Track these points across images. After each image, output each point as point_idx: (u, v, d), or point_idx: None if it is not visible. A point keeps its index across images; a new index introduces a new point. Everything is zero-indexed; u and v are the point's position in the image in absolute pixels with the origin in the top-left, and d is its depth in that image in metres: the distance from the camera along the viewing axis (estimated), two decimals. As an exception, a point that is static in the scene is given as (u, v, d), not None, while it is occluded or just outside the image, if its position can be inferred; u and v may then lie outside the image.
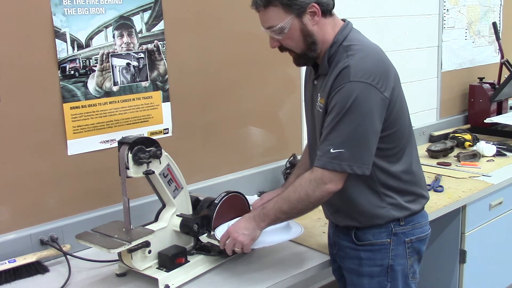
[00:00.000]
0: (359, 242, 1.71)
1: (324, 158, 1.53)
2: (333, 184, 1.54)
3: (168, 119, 2.19)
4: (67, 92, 1.91)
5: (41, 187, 1.90)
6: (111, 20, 1.98)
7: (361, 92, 1.50)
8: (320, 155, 1.55)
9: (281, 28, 1.57)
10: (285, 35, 1.59)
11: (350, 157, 1.51)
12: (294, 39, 1.60)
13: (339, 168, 1.52)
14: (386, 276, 1.70)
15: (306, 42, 1.60)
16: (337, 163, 1.52)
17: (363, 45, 1.60)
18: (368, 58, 1.56)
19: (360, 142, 1.52)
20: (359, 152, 1.52)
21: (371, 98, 1.52)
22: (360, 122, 1.51)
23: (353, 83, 1.51)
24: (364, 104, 1.51)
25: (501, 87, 3.44)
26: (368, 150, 1.54)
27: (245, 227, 1.64)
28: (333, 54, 1.60)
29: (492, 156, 2.96)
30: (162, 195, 1.80)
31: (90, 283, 1.73)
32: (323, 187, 1.54)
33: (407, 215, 1.70)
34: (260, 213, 1.64)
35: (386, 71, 1.57)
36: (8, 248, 1.81)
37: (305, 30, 1.58)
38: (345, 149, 1.51)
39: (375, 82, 1.52)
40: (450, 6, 3.41)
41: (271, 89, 2.55)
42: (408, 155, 1.69)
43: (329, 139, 1.53)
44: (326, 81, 1.60)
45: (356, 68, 1.52)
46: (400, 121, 1.64)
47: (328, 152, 1.52)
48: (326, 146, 1.54)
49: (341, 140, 1.51)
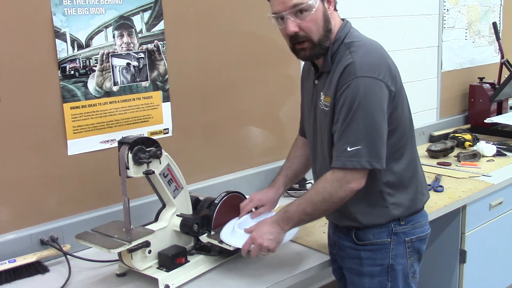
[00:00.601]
0: (359, 242, 1.71)
1: (342, 157, 1.53)
2: (356, 182, 1.55)
3: (168, 119, 2.19)
4: (67, 92, 1.91)
5: (41, 187, 1.90)
6: (111, 20, 1.98)
7: (369, 87, 1.51)
8: (338, 155, 1.55)
9: (310, 6, 1.53)
10: (310, 16, 1.54)
11: (367, 153, 1.52)
12: (317, 21, 1.56)
13: (359, 166, 1.52)
14: (387, 276, 1.70)
15: (325, 27, 1.58)
16: (356, 161, 1.52)
17: (364, 42, 1.61)
18: (371, 53, 1.58)
19: (375, 137, 1.53)
20: (375, 147, 1.53)
21: (379, 92, 1.53)
22: (372, 117, 1.52)
23: (359, 78, 1.51)
24: (373, 98, 1.52)
25: (501, 87, 3.44)
26: (383, 144, 1.55)
27: (270, 232, 1.64)
28: (335, 51, 1.61)
29: (492, 156, 2.96)
30: (162, 195, 1.80)
31: (90, 283, 1.73)
32: (346, 187, 1.55)
33: (407, 214, 1.70)
34: (284, 217, 1.64)
35: (389, 65, 1.59)
36: (8, 248, 1.81)
37: (326, 15, 1.58)
38: (362, 145, 1.51)
39: (381, 76, 1.53)
40: (450, 6, 3.41)
41: (271, 89, 2.55)
42: (409, 153, 1.69)
43: (344, 137, 1.53)
44: (330, 78, 1.60)
45: (361, 63, 1.53)
46: (403, 117, 1.65)
47: (345, 151, 1.52)
48: (342, 145, 1.54)
49: (357, 138, 1.52)
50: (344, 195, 1.56)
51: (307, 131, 1.83)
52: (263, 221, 1.69)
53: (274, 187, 1.90)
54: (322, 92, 1.65)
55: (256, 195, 1.87)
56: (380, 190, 1.66)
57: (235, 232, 1.74)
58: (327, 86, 1.62)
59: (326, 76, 1.63)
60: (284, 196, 2.49)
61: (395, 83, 1.59)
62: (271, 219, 1.67)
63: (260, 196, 1.86)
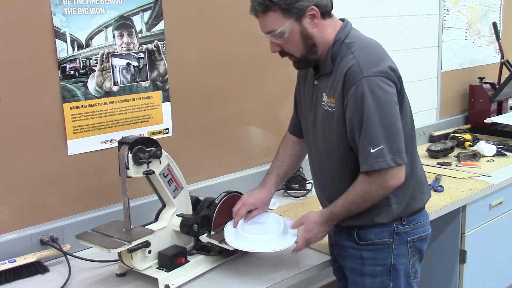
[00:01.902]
0: (361, 242, 1.71)
1: (368, 160, 1.55)
2: (395, 179, 1.57)
3: (168, 119, 2.19)
4: (67, 92, 1.91)
5: (41, 187, 1.90)
6: (111, 20, 1.98)
7: (377, 86, 1.53)
8: (363, 158, 1.57)
9: (281, 33, 1.57)
10: (285, 39, 1.59)
11: (390, 151, 1.54)
12: (294, 43, 1.60)
13: (385, 165, 1.54)
14: (389, 276, 1.70)
15: (306, 45, 1.61)
16: (382, 161, 1.54)
17: (365, 41, 1.63)
18: (373, 52, 1.59)
19: (393, 133, 1.55)
20: (396, 143, 1.56)
21: (387, 88, 1.55)
22: (386, 114, 1.54)
23: (366, 78, 1.53)
24: (384, 96, 1.54)
25: (501, 87, 3.44)
26: (401, 138, 1.58)
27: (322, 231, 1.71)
28: (335, 52, 1.61)
29: (492, 156, 2.96)
30: (162, 195, 1.80)
31: (90, 283, 1.73)
32: (385, 185, 1.58)
33: (409, 214, 1.70)
34: (332, 217, 1.68)
35: (391, 63, 1.60)
36: (8, 248, 1.81)
37: (305, 34, 1.58)
38: (383, 144, 1.53)
39: (387, 74, 1.55)
40: (450, 6, 3.41)
41: (271, 89, 2.55)
42: (410, 152, 1.69)
43: (365, 140, 1.55)
44: (333, 79, 1.60)
45: (365, 63, 1.54)
46: (405, 118, 1.66)
47: (369, 153, 1.54)
48: (364, 147, 1.55)
49: (377, 138, 1.53)
50: (384, 193, 1.61)
51: (305, 131, 1.83)
52: (310, 222, 1.71)
53: (266, 187, 1.89)
54: (324, 93, 1.64)
55: (248, 199, 1.85)
56: None
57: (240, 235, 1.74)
58: (329, 86, 1.62)
59: (328, 77, 1.63)
60: (284, 196, 2.49)
61: (398, 78, 1.61)
62: (320, 219, 1.69)
63: (253, 200, 1.84)
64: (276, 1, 1.53)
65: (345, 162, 1.67)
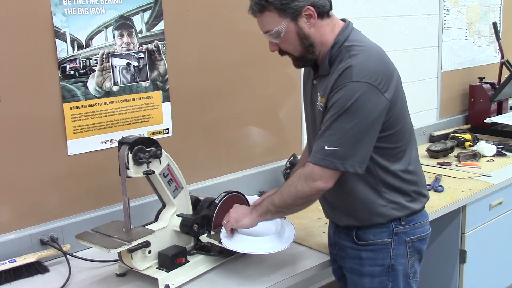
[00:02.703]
0: (360, 242, 1.71)
1: (318, 154, 1.54)
2: (323, 181, 1.54)
3: (168, 119, 2.19)
4: (67, 92, 1.91)
5: (41, 187, 1.90)
6: (111, 20, 1.98)
7: (363, 93, 1.50)
8: (315, 151, 1.56)
9: (277, 32, 1.58)
10: (282, 38, 1.59)
11: (343, 155, 1.51)
12: (291, 42, 1.60)
13: (331, 165, 1.52)
14: (388, 276, 1.70)
15: (303, 45, 1.60)
16: (330, 160, 1.52)
17: (366, 46, 1.60)
18: (371, 59, 1.56)
19: (355, 142, 1.52)
20: (354, 151, 1.52)
21: (372, 99, 1.52)
22: (358, 122, 1.51)
23: (355, 83, 1.51)
24: (364, 104, 1.50)
25: (501, 87, 3.44)
26: (363, 150, 1.54)
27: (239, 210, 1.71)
28: (334, 54, 1.60)
29: (492, 156, 2.96)
30: (162, 195, 1.80)
31: (90, 283, 1.73)
32: (311, 184, 1.55)
33: (407, 214, 1.70)
34: (257, 204, 1.68)
35: (388, 72, 1.57)
36: (8, 248, 1.81)
37: (301, 33, 1.58)
38: (340, 147, 1.51)
39: (377, 83, 1.52)
40: (450, 6, 3.41)
41: (271, 89, 2.55)
42: (409, 154, 1.69)
43: (325, 136, 1.54)
44: (328, 80, 1.60)
45: (359, 68, 1.52)
46: (402, 121, 1.64)
47: (323, 149, 1.53)
48: (321, 142, 1.54)
49: (337, 138, 1.51)
50: (308, 191, 1.56)
51: (307, 131, 1.84)
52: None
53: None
54: (319, 93, 1.65)
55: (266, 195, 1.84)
56: (380, 190, 1.66)
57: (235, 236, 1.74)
58: (324, 87, 1.62)
59: (325, 78, 1.63)
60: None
61: (393, 90, 1.57)
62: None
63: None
64: (271, 1, 1.54)
65: None
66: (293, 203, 1.61)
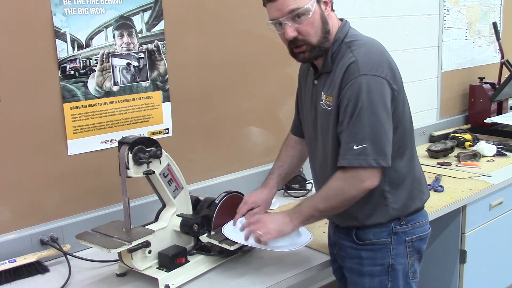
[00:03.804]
0: (360, 242, 1.71)
1: (348, 156, 1.53)
2: (370, 181, 1.55)
3: (168, 119, 2.19)
4: (67, 92, 1.91)
5: (41, 187, 1.90)
6: (111, 20, 1.98)
7: (373, 85, 1.52)
8: (344, 153, 1.55)
9: (307, 10, 1.53)
10: (307, 19, 1.55)
11: (373, 151, 1.52)
12: (315, 24, 1.56)
13: (365, 164, 1.52)
14: (387, 276, 1.70)
15: (324, 29, 1.59)
16: (363, 159, 1.52)
17: (365, 40, 1.62)
18: (373, 52, 1.58)
19: (380, 135, 1.53)
20: (381, 145, 1.53)
21: (382, 90, 1.54)
22: (377, 115, 1.52)
23: (363, 76, 1.52)
24: (377, 96, 1.52)
25: (501, 87, 3.44)
26: (388, 141, 1.55)
27: (277, 219, 1.64)
28: (335, 51, 1.61)
29: (492, 156, 2.96)
30: (162, 195, 1.80)
31: (90, 283, 1.73)
32: (359, 185, 1.55)
33: (407, 214, 1.70)
34: (295, 210, 1.64)
35: (390, 63, 1.60)
36: (8, 248, 1.81)
37: (323, 17, 1.58)
38: (368, 143, 1.52)
39: (384, 74, 1.54)
40: (450, 6, 3.41)
41: (271, 89, 2.55)
42: (409, 152, 1.70)
43: (350, 136, 1.53)
44: (332, 78, 1.60)
45: (364, 62, 1.53)
46: (404, 116, 1.65)
47: (352, 149, 1.53)
48: (348, 143, 1.54)
49: (362, 136, 1.52)
50: (356, 194, 1.57)
51: (306, 131, 1.83)
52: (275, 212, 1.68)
53: (267, 187, 1.89)
54: (323, 92, 1.65)
55: (250, 197, 1.85)
56: (381, 189, 1.66)
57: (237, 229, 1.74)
58: (328, 85, 1.62)
59: (327, 76, 1.63)
60: (285, 196, 2.49)
61: (397, 81, 1.60)
62: (285, 211, 1.67)
63: (255, 198, 1.85)
64: None
65: None
66: (338, 206, 1.60)
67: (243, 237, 1.69)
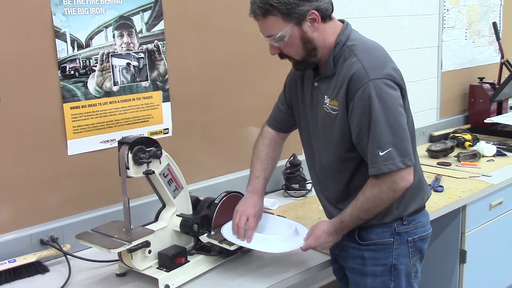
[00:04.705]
0: (362, 242, 1.71)
1: (376, 163, 1.54)
2: (404, 180, 1.55)
3: (168, 119, 2.19)
4: (67, 92, 1.91)
5: (41, 187, 1.90)
6: (111, 20, 1.98)
7: (383, 88, 1.52)
8: (372, 161, 1.55)
9: (281, 37, 1.57)
10: (285, 43, 1.58)
11: (399, 153, 1.53)
12: (294, 46, 1.59)
13: (394, 167, 1.53)
14: (390, 276, 1.71)
15: (306, 49, 1.60)
16: (391, 163, 1.53)
17: (368, 44, 1.62)
18: (377, 55, 1.59)
19: (400, 135, 1.54)
20: (404, 145, 1.55)
21: (392, 92, 1.55)
22: (393, 117, 1.53)
23: (372, 81, 1.52)
24: (390, 98, 1.53)
25: (501, 87, 3.44)
26: (408, 139, 1.57)
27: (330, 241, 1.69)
28: (337, 54, 1.61)
29: (492, 156, 2.96)
30: (162, 195, 1.80)
31: (90, 283, 1.73)
32: (396, 187, 1.55)
33: (409, 214, 1.71)
34: (341, 226, 1.66)
35: (394, 66, 1.60)
36: (8, 248, 1.81)
37: (305, 37, 1.58)
38: (392, 147, 1.53)
39: (391, 77, 1.55)
40: (450, 6, 3.41)
41: (271, 89, 2.53)
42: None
43: (373, 143, 1.54)
44: (336, 81, 1.60)
45: (370, 66, 1.54)
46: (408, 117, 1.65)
47: (378, 156, 1.53)
48: (373, 150, 1.54)
49: (385, 141, 1.53)
50: (394, 195, 1.58)
51: (303, 132, 1.83)
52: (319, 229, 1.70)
53: (257, 194, 1.83)
54: (326, 95, 1.64)
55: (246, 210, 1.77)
56: None
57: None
58: (332, 89, 1.62)
59: (330, 79, 1.63)
60: (284, 196, 2.49)
61: (403, 81, 1.61)
62: (329, 229, 1.68)
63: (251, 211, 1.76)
64: (276, 6, 1.52)
65: (345, 163, 1.67)
66: (381, 210, 1.62)
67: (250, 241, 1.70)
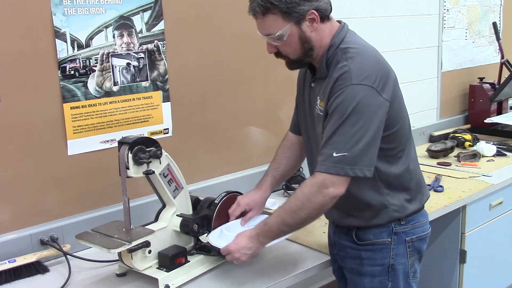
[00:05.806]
0: (360, 242, 1.71)
1: (327, 162, 1.51)
2: (335, 188, 1.51)
3: (168, 119, 2.19)
4: (67, 92, 1.91)
5: (41, 187, 1.90)
6: (111, 20, 1.98)
7: (363, 95, 1.49)
8: (323, 159, 1.53)
9: (279, 36, 1.56)
10: (283, 42, 1.58)
11: (352, 161, 1.49)
12: (292, 46, 1.59)
13: (342, 172, 1.50)
14: (387, 276, 1.70)
15: (303, 49, 1.60)
16: (340, 167, 1.49)
17: (361, 48, 1.59)
18: (368, 61, 1.55)
19: (362, 145, 1.50)
20: (361, 155, 1.50)
21: (372, 101, 1.51)
22: (362, 125, 1.49)
23: (354, 86, 1.50)
24: (366, 107, 1.50)
25: (501, 87, 3.44)
26: (370, 153, 1.52)
27: (248, 248, 1.61)
28: (330, 57, 1.60)
29: (492, 156, 2.96)
30: (162, 195, 1.80)
31: (90, 283, 1.73)
32: (325, 191, 1.51)
33: (407, 214, 1.70)
34: (263, 230, 1.61)
35: (385, 73, 1.57)
36: (8, 248, 1.81)
37: (303, 37, 1.57)
38: (348, 152, 1.49)
39: (375, 85, 1.51)
40: (450, 6, 3.41)
41: (271, 89, 2.55)
42: (408, 154, 1.69)
43: (331, 143, 1.51)
44: (326, 83, 1.59)
45: (357, 71, 1.52)
46: (400, 121, 1.64)
47: (331, 156, 1.50)
48: (328, 150, 1.52)
49: (344, 144, 1.49)
50: (322, 200, 1.53)
51: (303, 133, 1.83)
52: (242, 234, 1.65)
53: (261, 189, 1.87)
54: (318, 96, 1.64)
55: (243, 199, 1.84)
56: (380, 192, 1.66)
57: (223, 234, 1.74)
58: (322, 91, 1.61)
59: (323, 81, 1.63)
60: (284, 196, 2.49)
61: (391, 90, 1.57)
62: (251, 232, 1.64)
63: (248, 200, 1.84)
64: (277, 4, 1.51)
65: None
66: (307, 217, 1.57)
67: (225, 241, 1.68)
